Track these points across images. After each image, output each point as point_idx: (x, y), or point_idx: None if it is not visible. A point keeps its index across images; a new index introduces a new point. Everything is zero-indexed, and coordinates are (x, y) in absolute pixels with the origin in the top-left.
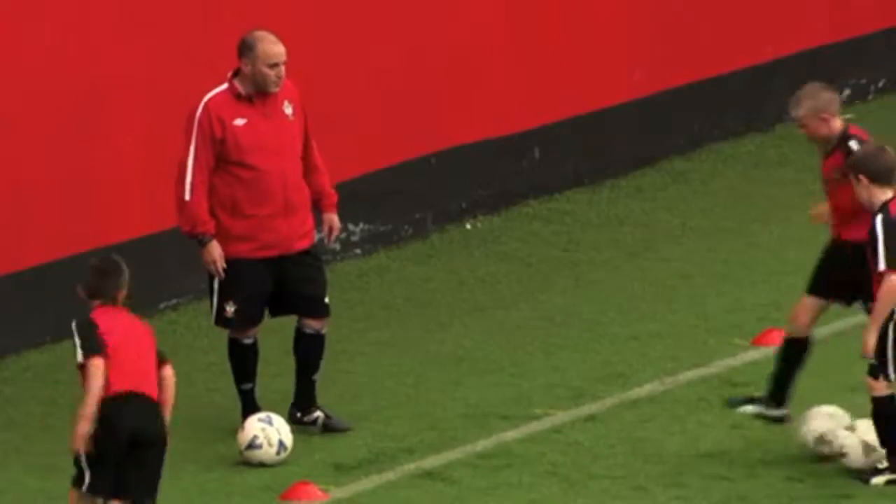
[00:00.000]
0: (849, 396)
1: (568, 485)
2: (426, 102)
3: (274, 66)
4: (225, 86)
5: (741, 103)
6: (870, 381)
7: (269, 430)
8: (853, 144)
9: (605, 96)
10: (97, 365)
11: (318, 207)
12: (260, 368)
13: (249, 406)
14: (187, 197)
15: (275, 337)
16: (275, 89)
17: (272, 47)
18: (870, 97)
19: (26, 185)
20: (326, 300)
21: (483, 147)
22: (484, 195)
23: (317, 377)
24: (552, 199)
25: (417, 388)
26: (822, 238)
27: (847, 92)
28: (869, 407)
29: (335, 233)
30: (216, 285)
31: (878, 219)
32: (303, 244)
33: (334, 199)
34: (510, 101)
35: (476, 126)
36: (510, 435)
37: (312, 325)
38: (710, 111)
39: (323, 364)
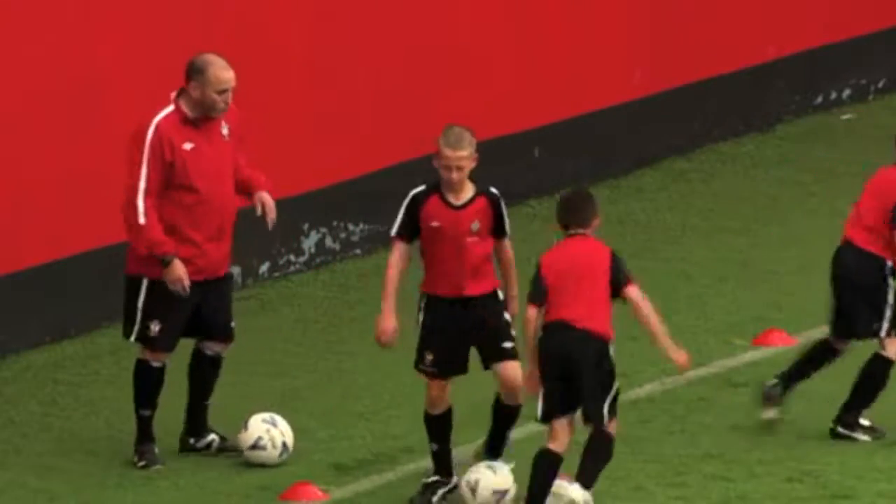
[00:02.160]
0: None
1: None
2: (426, 102)
3: (223, 92)
4: (171, 108)
5: (741, 103)
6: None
7: (274, 432)
8: None
9: (605, 96)
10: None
11: (249, 192)
12: (259, 368)
13: (146, 433)
14: (142, 221)
15: (270, 335)
16: (220, 115)
17: (223, 73)
18: (870, 97)
19: (26, 185)
20: (233, 324)
21: (483, 147)
22: None
23: (209, 402)
24: (552, 199)
25: (417, 388)
26: (821, 238)
27: (847, 92)
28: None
29: (270, 209)
30: (141, 302)
31: None
32: (225, 269)
33: (263, 177)
34: (510, 101)
35: (476, 126)
36: (510, 435)
37: (215, 347)
38: (710, 111)
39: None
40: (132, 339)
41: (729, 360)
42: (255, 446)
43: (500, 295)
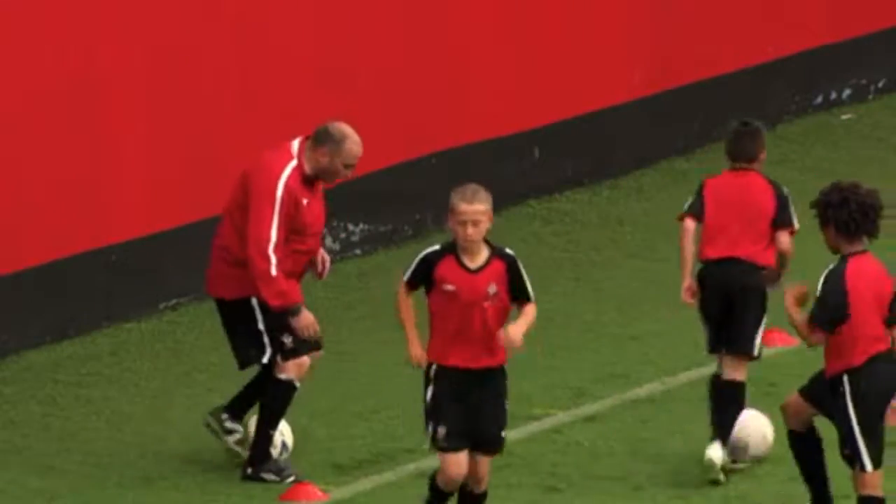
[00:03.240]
0: None
1: (568, 485)
2: (426, 102)
3: (349, 166)
4: (294, 163)
5: (741, 103)
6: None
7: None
8: None
9: (604, 96)
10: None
11: None
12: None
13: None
14: (273, 272)
15: None
16: (332, 183)
17: (357, 148)
18: (870, 97)
19: (26, 185)
20: None
21: (483, 147)
22: None
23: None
24: (552, 199)
25: (417, 388)
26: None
27: (847, 92)
28: None
29: (327, 267)
30: (262, 323)
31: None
32: None
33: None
34: (510, 101)
35: (476, 126)
36: (510, 435)
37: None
38: (710, 111)
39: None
40: (269, 360)
41: None
42: None
43: (506, 371)
